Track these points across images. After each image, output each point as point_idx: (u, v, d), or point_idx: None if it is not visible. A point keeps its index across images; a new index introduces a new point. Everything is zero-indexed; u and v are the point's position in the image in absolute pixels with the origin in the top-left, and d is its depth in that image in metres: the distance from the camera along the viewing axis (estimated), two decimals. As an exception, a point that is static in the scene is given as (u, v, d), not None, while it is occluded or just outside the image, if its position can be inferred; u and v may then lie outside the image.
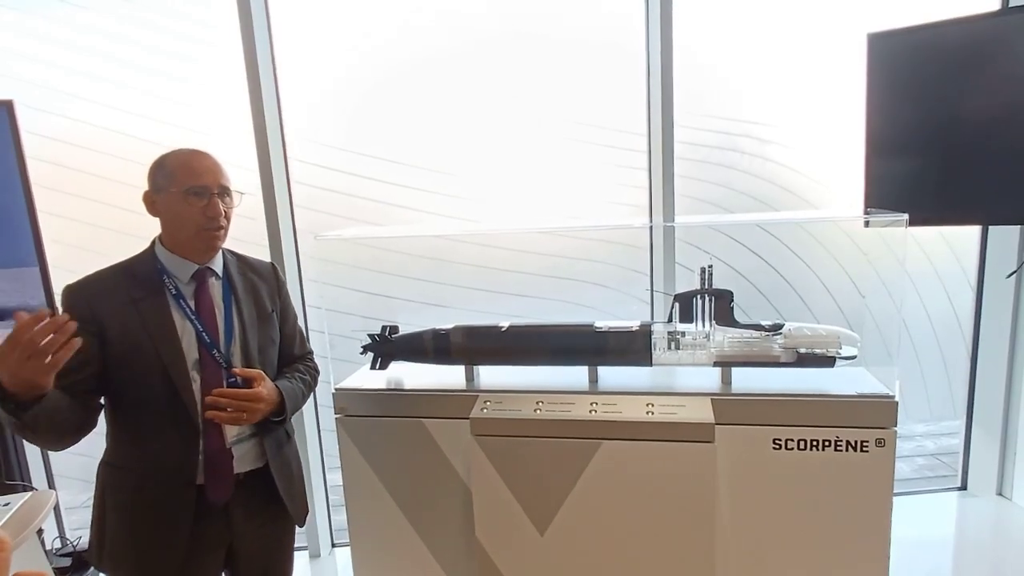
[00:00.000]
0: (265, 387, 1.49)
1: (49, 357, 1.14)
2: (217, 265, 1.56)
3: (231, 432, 1.50)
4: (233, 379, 1.49)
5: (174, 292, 1.48)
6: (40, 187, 2.33)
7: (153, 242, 1.52)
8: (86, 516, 3.16)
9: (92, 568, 2.57)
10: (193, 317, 1.48)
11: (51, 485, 2.85)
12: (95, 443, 1.56)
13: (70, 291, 1.45)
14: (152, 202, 1.48)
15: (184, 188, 1.43)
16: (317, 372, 1.81)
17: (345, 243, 2.80)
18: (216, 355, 1.49)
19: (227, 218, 1.50)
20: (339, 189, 2.99)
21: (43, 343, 1.13)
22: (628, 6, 2.65)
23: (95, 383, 1.43)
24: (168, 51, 2.89)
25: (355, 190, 3.00)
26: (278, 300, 1.70)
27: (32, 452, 2.77)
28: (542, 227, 3.03)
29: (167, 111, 2.89)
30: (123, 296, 1.44)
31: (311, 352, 1.83)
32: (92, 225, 2.87)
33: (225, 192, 1.49)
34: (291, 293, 1.81)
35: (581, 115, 2.97)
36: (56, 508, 2.80)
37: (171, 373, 1.42)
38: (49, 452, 2.81)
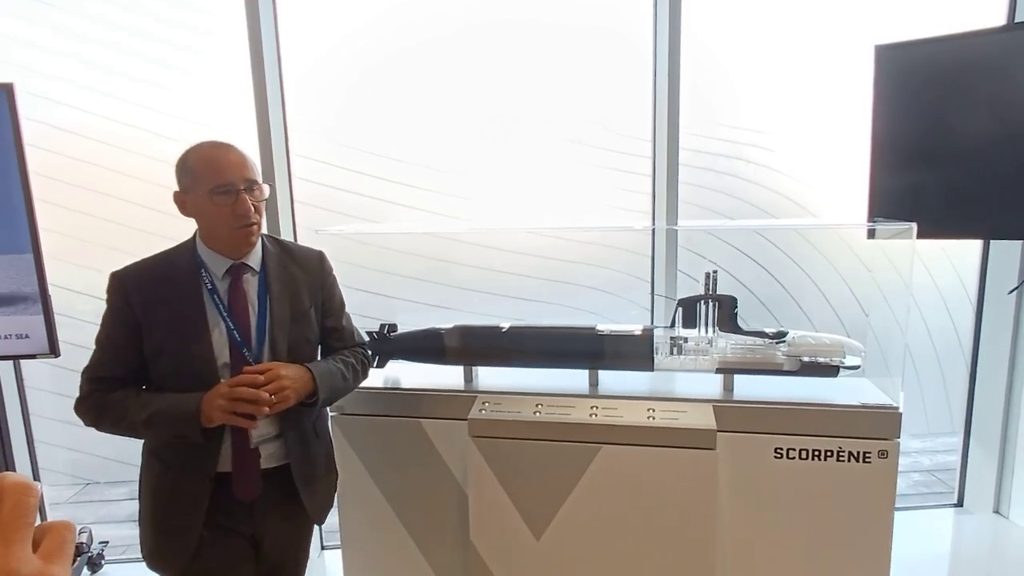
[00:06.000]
0: (284, 368, 1.41)
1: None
2: (254, 259, 1.50)
3: (256, 432, 1.46)
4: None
5: (210, 287, 1.44)
6: (40, 176, 2.30)
7: (195, 233, 1.48)
8: (70, 511, 3.12)
9: (75, 563, 2.52)
10: (226, 315, 1.44)
11: (36, 478, 2.80)
12: (86, 439, 1.53)
13: (113, 279, 1.44)
14: (183, 203, 1.43)
15: (209, 188, 1.37)
16: (367, 362, 1.69)
17: (345, 241, 2.78)
18: (247, 354, 1.44)
19: (259, 212, 1.44)
20: (340, 186, 2.97)
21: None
22: (637, 11, 2.65)
23: (144, 372, 1.46)
24: (172, 42, 2.87)
25: (356, 188, 2.98)
26: (320, 294, 1.60)
27: (19, 444, 2.72)
28: (546, 227, 3.02)
29: (169, 102, 2.86)
30: (160, 289, 1.42)
31: (361, 345, 1.72)
32: (90, 215, 2.84)
33: (253, 185, 1.42)
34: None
35: (586, 118, 2.96)
36: (40, 502, 2.74)
37: (200, 371, 1.41)
38: (35, 445, 2.77)
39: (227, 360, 1.44)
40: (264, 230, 1.54)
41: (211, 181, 1.37)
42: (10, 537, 0.42)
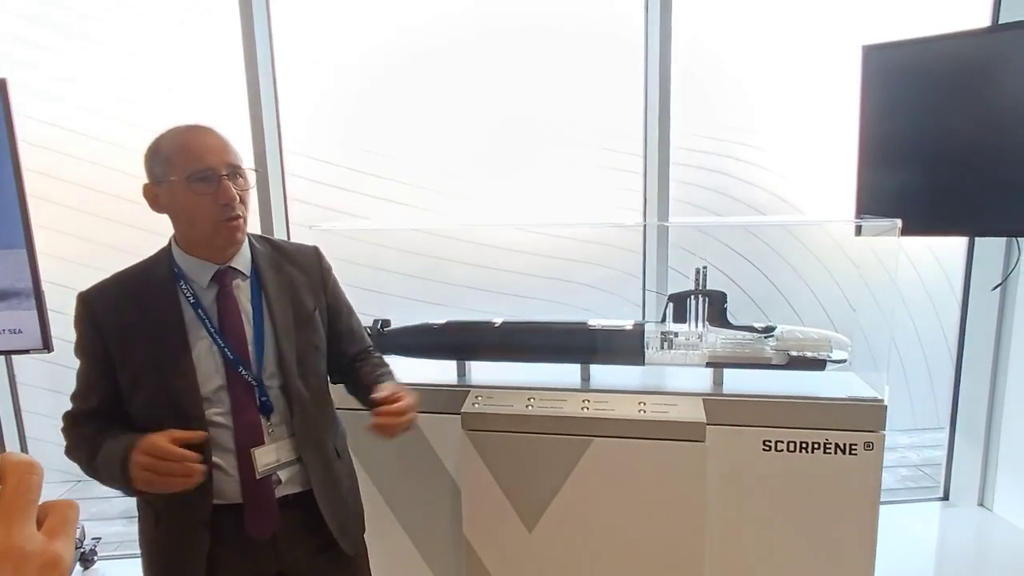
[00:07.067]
0: (409, 395, 1.35)
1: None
2: (242, 262, 1.32)
3: (262, 461, 1.28)
4: (265, 398, 1.30)
5: (192, 300, 1.26)
6: (41, 174, 2.30)
7: (170, 240, 1.32)
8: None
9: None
10: (214, 331, 1.26)
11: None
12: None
13: (79, 301, 1.28)
14: (154, 196, 1.26)
15: (186, 175, 1.20)
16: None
17: (339, 237, 2.79)
18: (244, 373, 1.27)
19: (244, 203, 1.26)
20: (334, 184, 2.98)
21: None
22: (632, 13, 2.67)
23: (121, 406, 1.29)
24: (172, 42, 2.87)
25: (349, 185, 2.99)
26: (323, 295, 1.44)
27: (11, 440, 2.71)
28: (538, 223, 3.04)
29: (169, 102, 2.87)
30: (132, 310, 1.25)
31: (371, 347, 1.59)
32: (93, 215, 2.84)
33: (236, 172, 1.25)
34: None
35: (585, 119, 2.99)
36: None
37: (181, 402, 1.24)
38: (27, 438, 2.77)
39: (223, 382, 1.26)
40: (258, 230, 1.51)
41: (188, 167, 1.21)
42: (14, 515, 0.42)
